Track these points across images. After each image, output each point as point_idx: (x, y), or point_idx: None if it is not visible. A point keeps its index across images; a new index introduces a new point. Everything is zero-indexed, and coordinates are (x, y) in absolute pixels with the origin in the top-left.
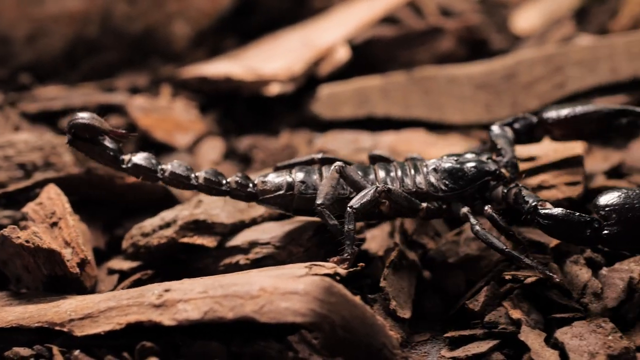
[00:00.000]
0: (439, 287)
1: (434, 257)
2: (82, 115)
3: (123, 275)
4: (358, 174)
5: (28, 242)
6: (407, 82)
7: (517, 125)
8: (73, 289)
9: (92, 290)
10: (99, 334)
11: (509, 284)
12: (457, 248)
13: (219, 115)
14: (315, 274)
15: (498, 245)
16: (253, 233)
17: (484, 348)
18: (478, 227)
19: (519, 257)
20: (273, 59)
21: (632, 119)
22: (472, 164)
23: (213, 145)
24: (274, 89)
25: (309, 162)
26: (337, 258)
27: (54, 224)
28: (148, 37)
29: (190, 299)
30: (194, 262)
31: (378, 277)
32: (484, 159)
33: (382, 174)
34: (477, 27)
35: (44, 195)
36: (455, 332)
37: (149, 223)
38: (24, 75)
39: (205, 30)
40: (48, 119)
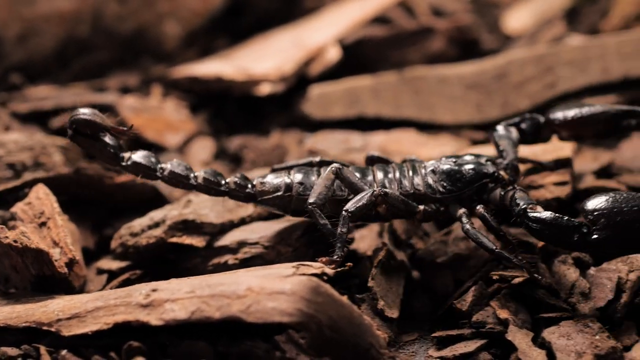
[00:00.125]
0: (428, 286)
1: (423, 256)
2: (83, 111)
3: (112, 275)
4: (355, 176)
5: (16, 242)
6: (397, 82)
7: (523, 126)
8: (61, 289)
9: (80, 290)
10: (87, 334)
11: (497, 284)
12: (445, 248)
13: (210, 115)
14: (303, 274)
15: (487, 245)
16: (242, 233)
17: (472, 348)
18: (468, 226)
19: (508, 257)
20: (264, 59)
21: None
22: (470, 166)
23: (203, 145)
24: (265, 89)
25: (308, 164)
26: (325, 258)
27: (43, 224)
28: (139, 36)
29: (178, 299)
30: (183, 262)
31: (366, 276)
32: (483, 161)
33: (380, 176)
34: (468, 27)
35: (33, 195)
36: (443, 331)
37: (138, 223)
38: (15, 75)
39: (197, 30)
40: (39, 119)
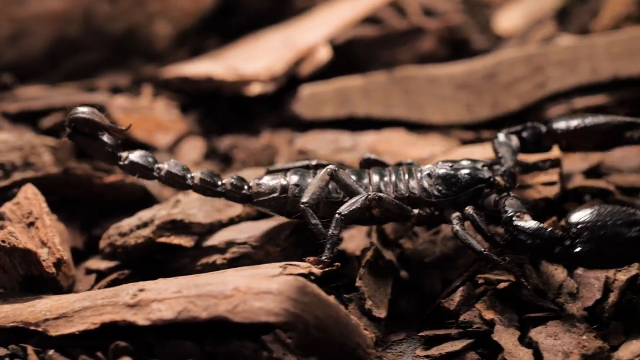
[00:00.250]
0: (416, 286)
1: (411, 256)
2: (82, 110)
3: (100, 275)
4: (351, 178)
5: (4, 241)
6: (387, 82)
7: (525, 134)
8: (49, 289)
9: (69, 290)
10: (74, 334)
11: (484, 286)
12: (434, 248)
13: (200, 115)
14: (290, 274)
15: (476, 247)
16: (230, 233)
17: (458, 347)
18: (458, 227)
19: (495, 259)
20: (254, 59)
21: None
22: (466, 171)
23: (194, 145)
24: (255, 89)
25: (304, 167)
26: (313, 258)
27: (31, 224)
28: (130, 36)
29: (165, 299)
30: (171, 261)
31: (355, 276)
32: (479, 166)
33: (376, 179)
34: (458, 27)
35: (21, 195)
36: (430, 331)
37: (127, 223)
38: (6, 75)
39: (188, 30)
40: (29, 119)
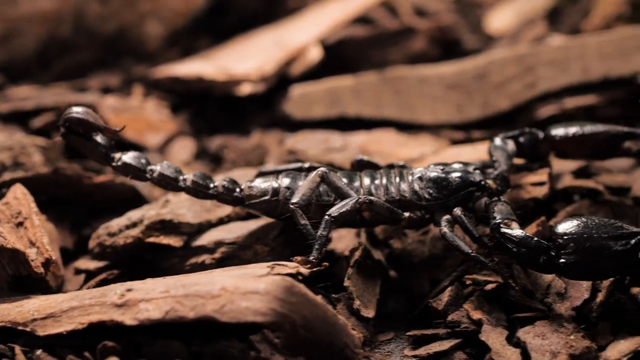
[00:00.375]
0: (405, 286)
1: (400, 256)
2: (77, 110)
3: (89, 275)
4: (342, 181)
5: None
6: (378, 82)
7: (521, 139)
8: (38, 289)
9: (58, 290)
10: (62, 334)
11: (472, 286)
12: (423, 248)
13: (191, 115)
14: (278, 274)
15: (463, 249)
16: (219, 233)
17: (446, 347)
18: (446, 229)
19: (483, 261)
20: (245, 59)
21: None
22: (457, 174)
23: (184, 145)
24: (246, 89)
25: (297, 169)
26: (301, 258)
27: (20, 224)
28: (121, 37)
29: (152, 299)
30: (161, 261)
31: (344, 276)
32: (470, 170)
33: (367, 182)
34: (449, 27)
35: (10, 195)
36: (418, 331)
37: (116, 223)
38: None
39: (179, 30)
40: (19, 119)
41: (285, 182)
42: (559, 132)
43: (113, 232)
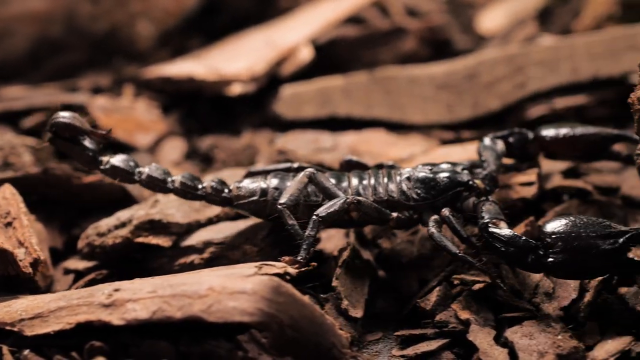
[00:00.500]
0: (394, 286)
1: (389, 256)
2: (63, 115)
3: (79, 275)
4: (329, 181)
5: None
6: (368, 82)
7: (511, 139)
8: (27, 289)
9: (47, 290)
10: (49, 334)
11: (460, 286)
12: (412, 248)
13: (182, 115)
14: (265, 274)
15: (451, 249)
16: (208, 233)
17: (434, 347)
18: (434, 229)
19: (471, 261)
20: (236, 59)
21: (629, 154)
22: (445, 174)
23: (174, 146)
24: (236, 89)
25: (286, 170)
26: (289, 258)
27: (9, 224)
28: (112, 37)
29: (140, 299)
30: (149, 261)
31: (332, 276)
32: (458, 170)
33: (355, 182)
34: (439, 27)
35: None
36: (406, 331)
37: (105, 223)
38: None
39: (170, 30)
40: (10, 119)
41: (274, 182)
42: (550, 132)
43: (102, 232)
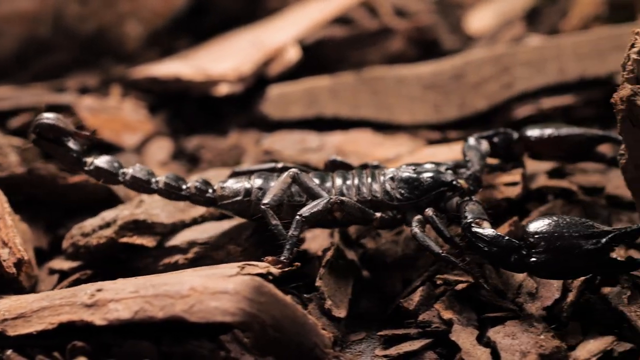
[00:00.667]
0: (378, 286)
1: (374, 256)
2: (47, 116)
3: (63, 275)
4: (313, 181)
5: None
6: (356, 82)
7: (496, 139)
8: (11, 289)
9: (31, 290)
10: (32, 334)
11: (443, 286)
12: (396, 248)
13: (169, 116)
14: (248, 274)
15: (434, 249)
16: (192, 233)
17: (416, 346)
18: (417, 229)
19: (454, 261)
20: (223, 60)
21: (614, 156)
22: (428, 174)
23: (161, 146)
24: (223, 89)
25: (270, 170)
26: (272, 258)
27: None
28: (100, 37)
29: (122, 299)
30: (134, 262)
31: (316, 276)
32: (442, 170)
33: (339, 182)
34: (427, 27)
35: None
36: (390, 331)
37: (89, 223)
38: None
39: (159, 31)
40: None
41: (258, 182)
42: (534, 133)
43: (86, 232)
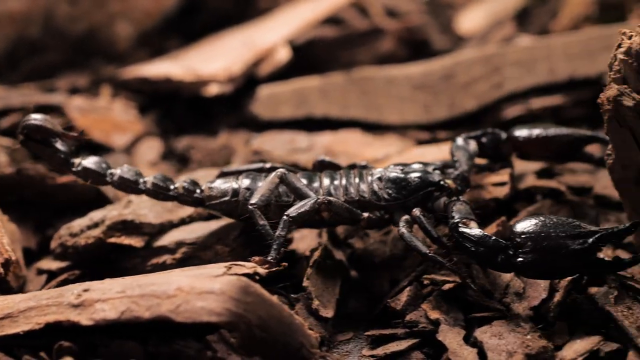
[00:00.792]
0: (366, 286)
1: (362, 256)
2: (35, 117)
3: (51, 276)
4: (301, 182)
5: None
6: (345, 82)
7: (484, 139)
8: None
9: (19, 291)
10: (18, 334)
11: (430, 286)
12: (384, 248)
13: (159, 116)
14: (235, 274)
15: (421, 249)
16: (180, 233)
17: (403, 346)
18: (404, 229)
19: (441, 261)
20: (213, 60)
21: (601, 156)
22: (416, 174)
23: (151, 146)
24: (213, 90)
25: (258, 170)
26: (259, 258)
27: None
28: (90, 37)
29: (108, 299)
30: (122, 262)
31: (304, 276)
32: (429, 170)
33: (326, 182)
34: (417, 27)
35: None
36: (377, 331)
37: (78, 223)
38: None
39: (149, 31)
40: None
41: (245, 182)
42: (522, 133)
43: (74, 232)
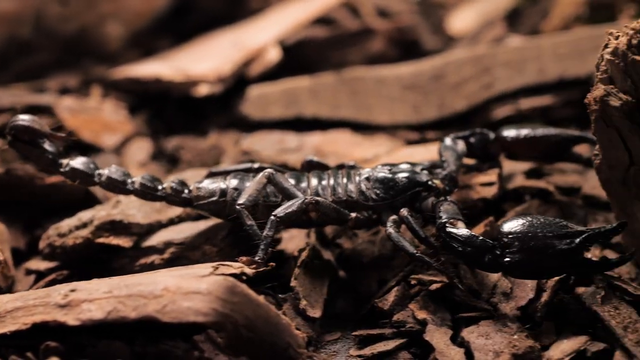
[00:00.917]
0: (354, 286)
1: (350, 256)
2: (22, 118)
3: (40, 276)
4: (288, 182)
5: None
6: (335, 82)
7: (472, 140)
8: None
9: (8, 291)
10: (5, 334)
11: (418, 286)
12: (373, 248)
13: (149, 116)
14: (222, 274)
15: (408, 249)
16: (169, 233)
17: (391, 346)
18: (391, 229)
19: (428, 261)
20: (203, 60)
21: (589, 157)
22: (403, 175)
23: (140, 146)
24: (203, 90)
25: (246, 170)
26: (246, 258)
27: None
28: (81, 38)
29: (95, 299)
30: (111, 262)
31: (292, 276)
32: (417, 170)
33: (314, 182)
34: (408, 28)
35: None
36: (364, 331)
37: (66, 223)
38: None
39: (140, 31)
40: None
41: (233, 183)
42: (511, 133)
43: (63, 232)
